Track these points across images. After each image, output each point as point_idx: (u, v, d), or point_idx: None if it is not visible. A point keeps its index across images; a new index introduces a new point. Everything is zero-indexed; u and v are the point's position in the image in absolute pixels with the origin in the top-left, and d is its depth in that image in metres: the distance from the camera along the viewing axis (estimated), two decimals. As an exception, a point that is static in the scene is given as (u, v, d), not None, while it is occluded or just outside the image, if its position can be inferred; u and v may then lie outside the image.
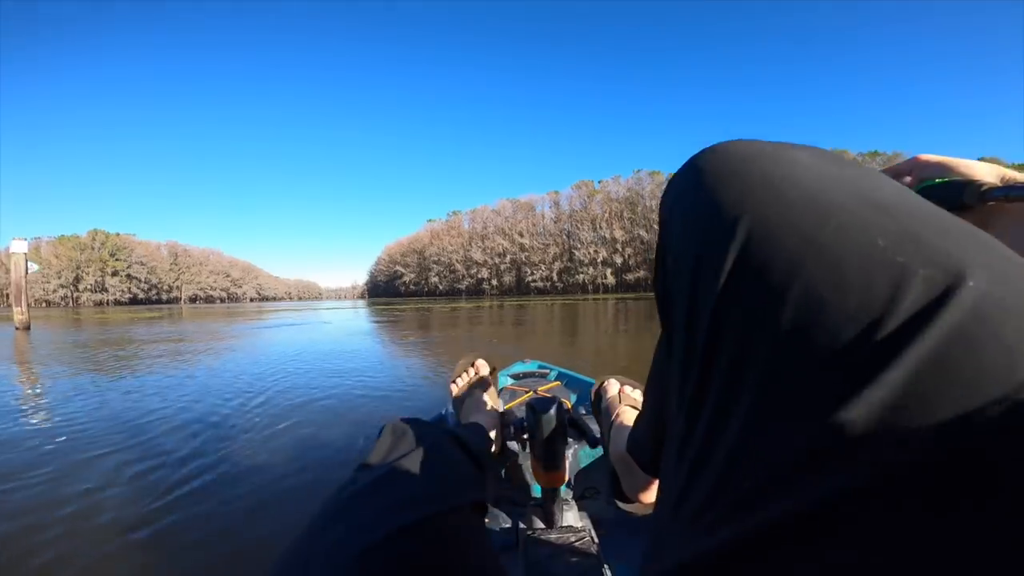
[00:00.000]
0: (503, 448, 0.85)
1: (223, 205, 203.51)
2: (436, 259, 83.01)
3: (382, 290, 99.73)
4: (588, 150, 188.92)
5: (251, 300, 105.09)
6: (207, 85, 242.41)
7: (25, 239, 12.95)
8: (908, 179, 0.36)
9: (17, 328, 11.40)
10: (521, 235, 73.39)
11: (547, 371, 1.78)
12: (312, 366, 4.00)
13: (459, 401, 0.88)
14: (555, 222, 72.16)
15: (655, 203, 63.44)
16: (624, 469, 0.63)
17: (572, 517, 0.82)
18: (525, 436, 0.83)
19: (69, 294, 71.55)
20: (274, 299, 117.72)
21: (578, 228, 68.26)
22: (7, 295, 72.86)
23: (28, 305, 12.77)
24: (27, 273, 12.86)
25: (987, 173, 0.32)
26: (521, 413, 0.89)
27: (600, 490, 0.96)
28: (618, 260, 64.70)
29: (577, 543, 0.75)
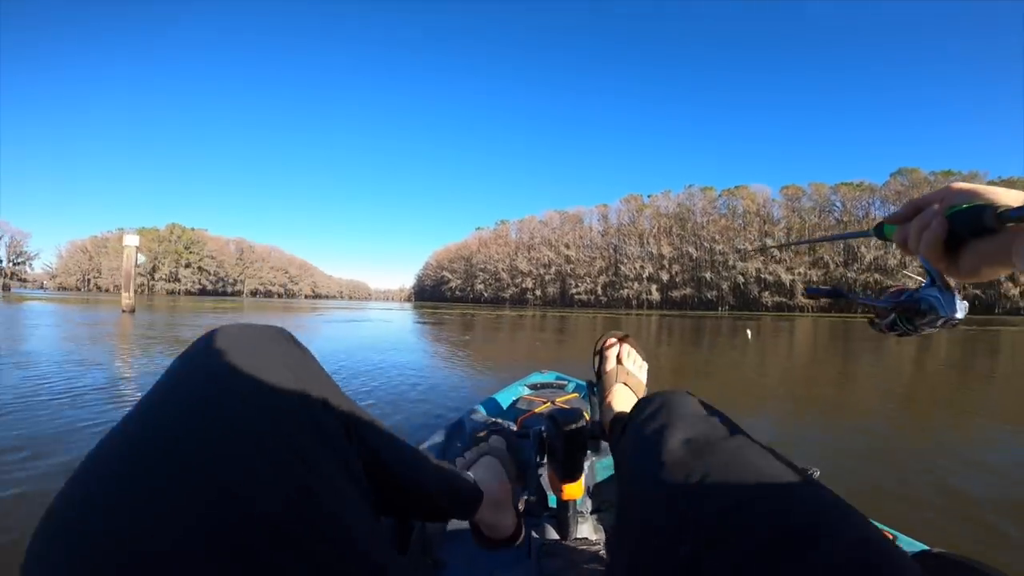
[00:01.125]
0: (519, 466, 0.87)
1: (286, 205, 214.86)
2: (482, 267, 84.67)
3: (428, 294, 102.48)
4: (638, 164, 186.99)
5: (306, 297, 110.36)
6: (277, 90, 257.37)
7: (136, 235, 15.09)
8: (937, 206, 0.38)
9: (123, 311, 13.24)
10: (567, 247, 73.76)
11: (565, 382, 1.78)
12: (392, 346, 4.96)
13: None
14: (602, 235, 72.08)
15: (706, 220, 62.44)
16: None
17: (587, 529, 0.83)
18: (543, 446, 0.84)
19: (145, 282, 77.71)
20: (327, 297, 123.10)
21: (625, 242, 67.98)
22: (89, 280, 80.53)
23: (143, 291, 14.74)
24: (137, 264, 14.88)
25: (1013, 198, 0.34)
26: (539, 423, 0.95)
27: (615, 503, 0.98)
28: (664, 276, 63.89)
29: (590, 556, 0.74)
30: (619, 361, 0.82)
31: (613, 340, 0.86)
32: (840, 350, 8.45)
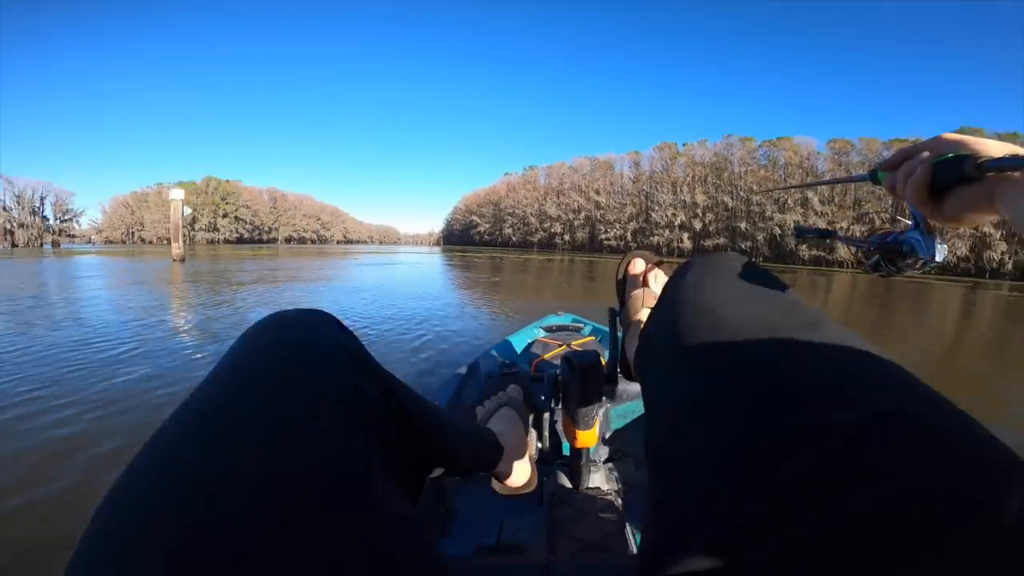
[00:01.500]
0: (533, 409, 0.84)
1: (317, 153, 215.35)
2: (511, 211, 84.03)
3: (457, 238, 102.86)
4: (674, 113, 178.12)
5: (337, 242, 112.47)
6: (305, 36, 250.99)
7: (181, 189, 15.84)
8: (926, 154, 0.39)
9: (174, 260, 14.34)
10: (597, 193, 72.27)
11: (581, 325, 1.76)
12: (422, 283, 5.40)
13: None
14: (633, 182, 70.14)
15: (744, 170, 59.80)
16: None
17: (599, 478, 0.81)
18: (558, 391, 0.82)
19: (187, 233, 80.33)
20: (358, 242, 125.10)
21: (657, 190, 66.11)
22: (132, 233, 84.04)
23: (184, 242, 15.69)
24: (183, 216, 15.72)
25: (995, 149, 0.35)
26: (553, 367, 0.94)
27: (629, 453, 0.94)
28: (697, 225, 62.31)
29: (603, 505, 0.73)
30: (646, 284, 0.75)
31: (642, 264, 0.79)
32: (878, 307, 8.39)
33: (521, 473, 0.70)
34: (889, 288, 12.74)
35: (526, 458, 0.72)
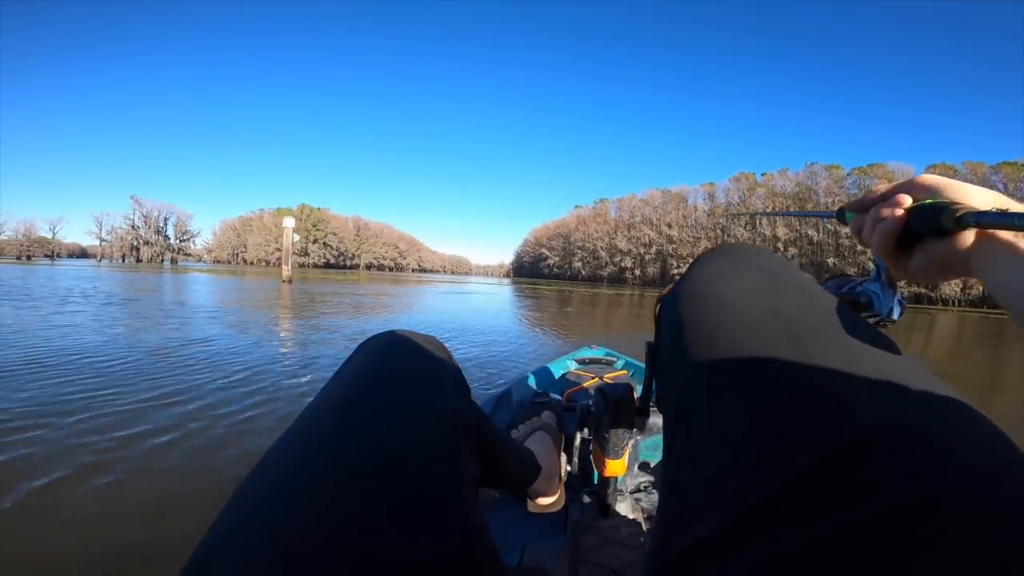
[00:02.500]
0: (564, 437, 0.86)
1: (398, 182, 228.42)
2: (580, 244, 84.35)
3: (527, 271, 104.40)
4: (751, 142, 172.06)
5: (412, 270, 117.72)
6: (387, 72, 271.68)
7: (291, 218, 17.89)
8: (903, 198, 0.35)
9: (283, 281, 16.05)
10: (670, 226, 70.97)
11: (614, 359, 1.74)
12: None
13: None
14: (708, 215, 68.32)
15: (830, 201, 56.51)
16: None
17: (625, 508, 0.82)
18: (588, 421, 0.84)
19: (281, 257, 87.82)
20: (431, 271, 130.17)
21: (734, 222, 63.85)
22: (237, 254, 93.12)
23: (302, 266, 17.72)
24: (293, 243, 17.69)
25: (983, 200, 0.32)
26: (585, 398, 0.94)
27: (657, 485, 0.94)
28: (778, 260, 59.06)
29: (627, 534, 0.73)
30: None
31: None
32: (989, 350, 7.71)
33: (550, 492, 0.74)
34: (1000, 331, 11.65)
35: (557, 479, 0.76)
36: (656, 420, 0.92)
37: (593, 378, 1.40)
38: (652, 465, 0.98)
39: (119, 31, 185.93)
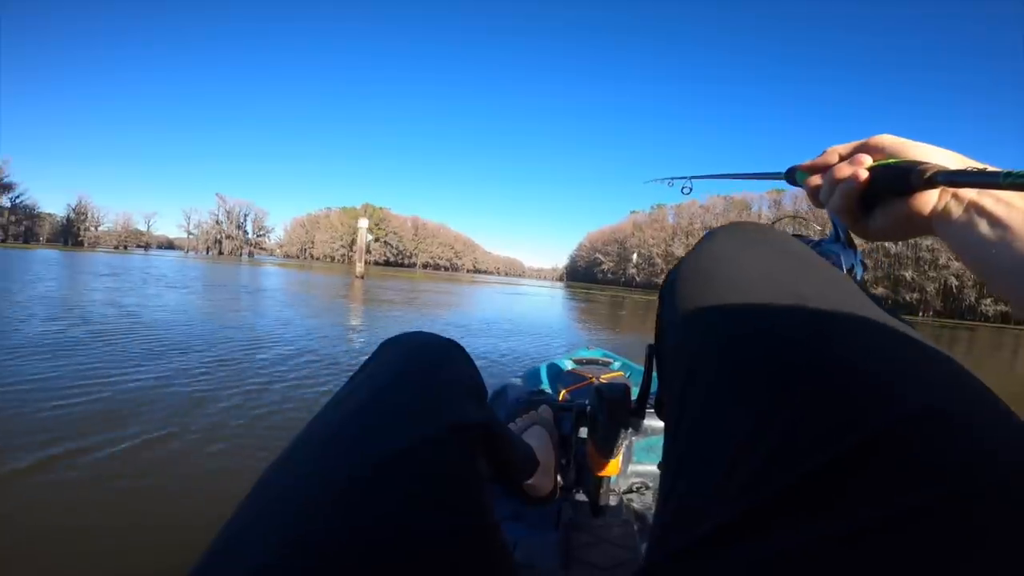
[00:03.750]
0: (562, 438, 0.86)
1: (456, 185, 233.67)
2: (636, 250, 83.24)
3: (580, 275, 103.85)
4: (821, 143, 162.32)
5: (467, 271, 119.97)
6: (448, 76, 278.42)
7: (366, 219, 19.55)
8: (864, 157, 0.35)
9: (356, 277, 17.60)
10: (731, 234, 68.71)
11: (611, 360, 1.75)
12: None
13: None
14: (773, 223, 65.45)
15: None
16: None
17: (618, 508, 0.81)
18: (585, 419, 0.83)
19: (345, 253, 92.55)
20: (485, 272, 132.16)
21: (802, 231, 60.93)
22: (305, 250, 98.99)
23: (365, 263, 19.33)
24: (366, 242, 19.29)
25: (945, 159, 0.32)
26: (581, 397, 0.97)
27: (649, 486, 0.96)
28: (849, 272, 56.00)
29: (618, 533, 0.73)
30: None
31: None
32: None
33: (548, 486, 0.74)
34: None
35: (553, 474, 0.76)
36: (651, 422, 0.97)
37: (590, 378, 1.40)
38: (645, 467, 1.01)
39: (209, 38, 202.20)
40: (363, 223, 19.21)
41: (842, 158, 0.38)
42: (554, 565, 0.68)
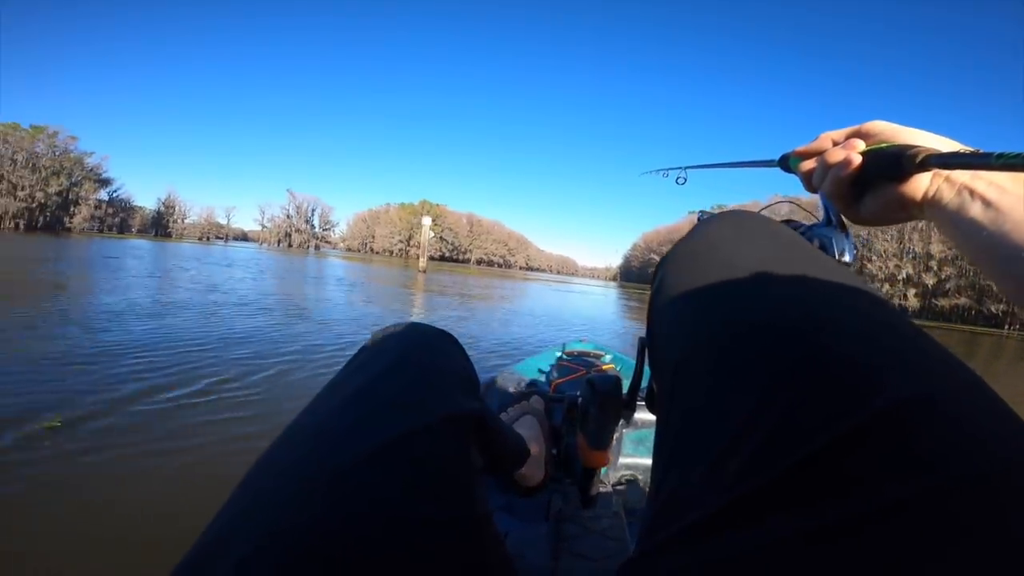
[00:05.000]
0: (553, 430, 0.86)
1: (511, 182, 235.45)
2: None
3: (634, 275, 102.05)
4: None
5: (520, 268, 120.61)
6: (506, 74, 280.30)
7: (429, 217, 20.93)
8: (857, 142, 0.36)
9: (420, 271, 18.83)
10: (797, 237, 65.35)
11: (602, 353, 1.74)
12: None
13: None
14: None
15: (1004, 213, 48.26)
16: None
17: (608, 500, 0.82)
18: (576, 411, 0.83)
19: (403, 248, 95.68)
20: (538, 269, 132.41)
21: (875, 236, 57.30)
22: (366, 244, 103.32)
23: (428, 258, 20.64)
24: (428, 238, 20.51)
25: (937, 143, 0.32)
26: (572, 389, 0.97)
27: (639, 478, 0.97)
28: (929, 280, 52.22)
29: (608, 525, 0.73)
30: None
31: None
32: None
33: (538, 476, 0.75)
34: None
35: (544, 464, 0.77)
36: (641, 415, 0.98)
37: (581, 370, 1.40)
38: (635, 459, 1.00)
39: (278, 44, 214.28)
40: (427, 221, 20.84)
41: (835, 144, 0.38)
42: (544, 556, 0.69)
